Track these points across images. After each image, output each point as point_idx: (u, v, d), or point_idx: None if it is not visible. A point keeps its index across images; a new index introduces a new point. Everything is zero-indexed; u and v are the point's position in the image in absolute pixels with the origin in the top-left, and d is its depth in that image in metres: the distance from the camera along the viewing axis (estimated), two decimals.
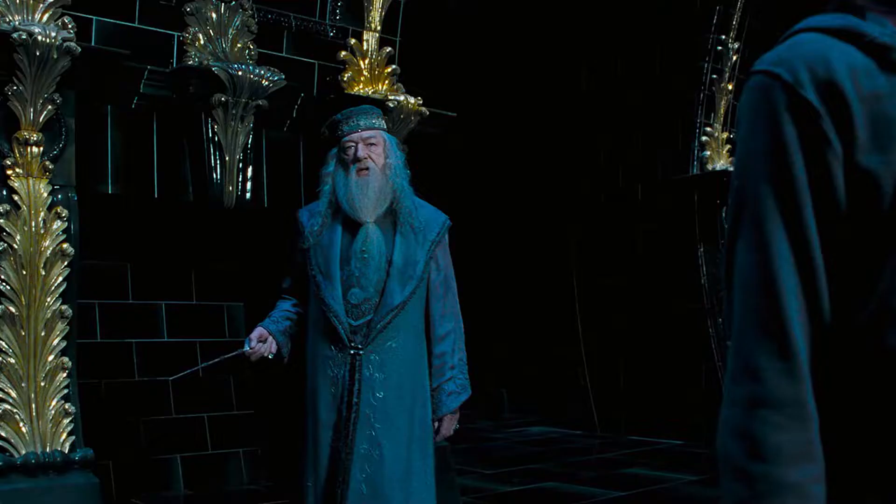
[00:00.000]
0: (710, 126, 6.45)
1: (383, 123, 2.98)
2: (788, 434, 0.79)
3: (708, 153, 6.39)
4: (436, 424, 2.89)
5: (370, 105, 3.09)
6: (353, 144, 2.84)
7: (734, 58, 6.49)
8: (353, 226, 2.80)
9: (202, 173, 3.77)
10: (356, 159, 2.81)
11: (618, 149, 6.90)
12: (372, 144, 2.85)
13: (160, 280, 4.34)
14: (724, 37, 6.41)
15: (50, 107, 3.16)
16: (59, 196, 3.18)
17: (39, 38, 3.05)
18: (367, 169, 2.81)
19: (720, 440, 0.83)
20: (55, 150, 3.19)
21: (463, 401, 2.90)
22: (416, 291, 2.80)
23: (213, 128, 3.74)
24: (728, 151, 6.49)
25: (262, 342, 2.78)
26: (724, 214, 6.25)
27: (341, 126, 2.88)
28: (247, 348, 2.75)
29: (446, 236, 2.98)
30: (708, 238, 6.25)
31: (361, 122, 2.88)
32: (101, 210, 3.71)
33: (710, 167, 6.36)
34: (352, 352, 2.76)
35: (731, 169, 6.08)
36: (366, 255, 2.77)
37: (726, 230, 0.86)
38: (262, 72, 3.81)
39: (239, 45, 3.94)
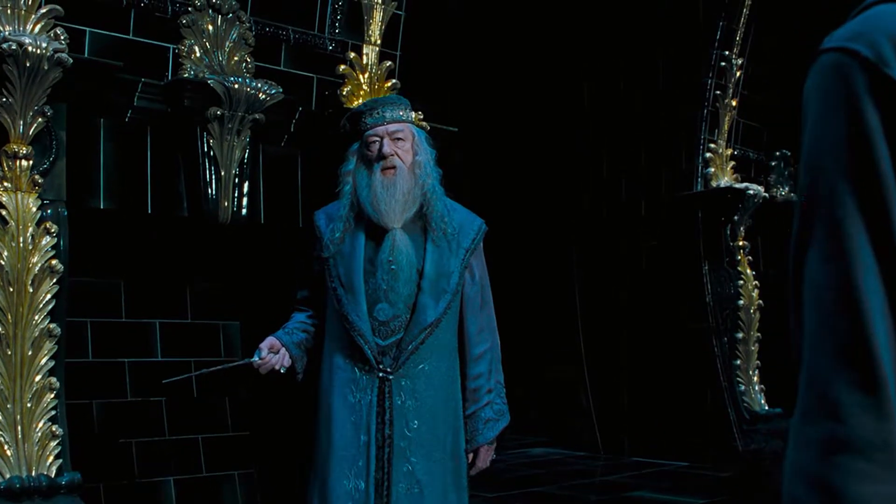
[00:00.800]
0: (714, 142, 6.37)
1: (412, 116, 2.64)
2: (876, 485, 0.65)
3: (712, 170, 6.31)
4: (469, 456, 2.59)
5: (397, 95, 2.77)
6: (378, 139, 2.53)
7: (738, 74, 6.42)
8: (377, 232, 2.51)
9: (197, 188, 3.68)
10: (381, 156, 2.50)
11: (621, 165, 6.82)
12: (399, 139, 2.53)
13: (154, 298, 4.24)
14: (727, 52, 6.34)
15: (40, 119, 3.07)
16: (49, 211, 3.09)
17: (30, 48, 2.96)
18: (394, 168, 2.50)
19: (788, 490, 0.69)
20: (45, 163, 3.10)
21: (501, 429, 2.62)
22: (451, 306, 2.52)
23: (208, 142, 3.65)
24: (732, 168, 6.41)
25: (273, 353, 2.50)
26: (728, 232, 6.17)
27: (364, 118, 2.57)
28: (256, 358, 2.47)
29: (481, 243, 2.66)
30: (713, 256, 6.17)
31: (387, 114, 2.55)
32: (93, 226, 3.62)
33: (714, 184, 6.28)
34: (380, 375, 2.45)
35: (737, 186, 6.05)
36: (394, 266, 2.46)
37: (793, 236, 0.73)
38: (260, 85, 3.73)
39: (236, 59, 3.86)
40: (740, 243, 6.19)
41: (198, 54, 3.72)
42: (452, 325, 2.56)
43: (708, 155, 6.32)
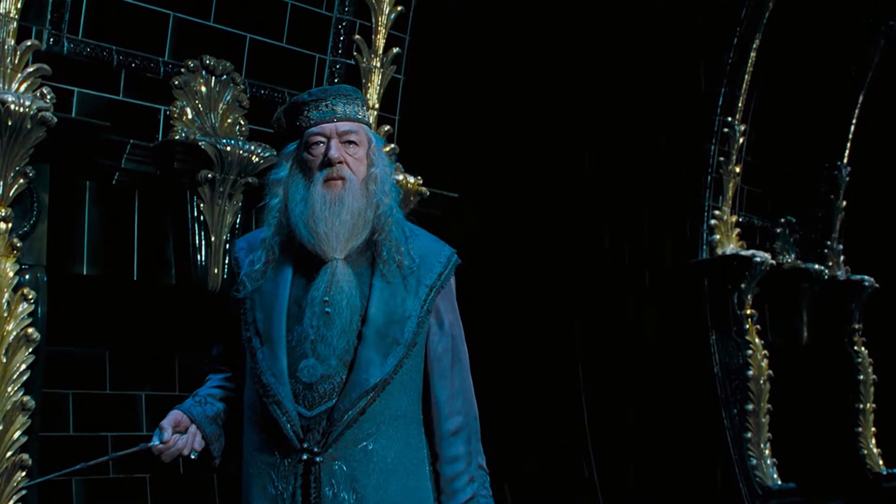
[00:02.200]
0: (719, 209, 6.26)
1: (368, 116, 2.11)
2: None
3: (717, 237, 6.19)
4: None
5: (353, 87, 2.15)
6: (324, 140, 1.99)
7: (741, 140, 6.35)
8: (311, 264, 1.95)
9: (186, 254, 3.55)
10: (327, 162, 1.96)
11: (624, 233, 6.71)
12: (352, 143, 2.00)
13: (140, 368, 4.07)
14: (730, 118, 6.28)
15: (21, 180, 2.95)
16: (27, 276, 2.96)
17: (12, 107, 2.86)
18: (342, 179, 1.96)
19: None
20: (25, 226, 2.98)
21: None
22: (405, 363, 1.94)
23: (198, 206, 3.53)
24: (737, 235, 6.30)
25: (180, 432, 1.95)
26: (735, 300, 6.03)
27: (307, 111, 2.03)
28: (156, 442, 1.91)
29: (453, 279, 2.09)
30: (720, 325, 6.02)
31: (339, 109, 2.01)
32: (75, 292, 3.48)
33: (719, 251, 6.15)
34: (304, 457, 1.87)
35: (743, 253, 5.92)
36: (329, 309, 1.89)
37: None
38: (253, 147, 3.62)
39: (229, 121, 3.76)
40: (748, 312, 6.04)
41: (189, 116, 3.62)
42: (410, 390, 1.97)
43: (713, 222, 6.21)
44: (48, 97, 3.03)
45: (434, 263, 2.04)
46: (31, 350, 2.92)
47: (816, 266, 6.69)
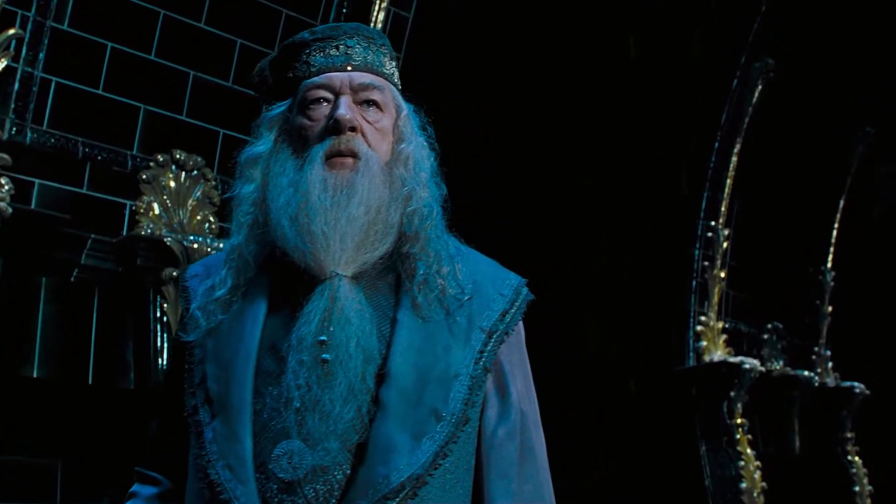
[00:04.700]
0: (705, 315, 6.13)
1: (396, 71, 1.43)
2: None
3: (704, 343, 6.04)
4: None
5: (377, 30, 1.58)
6: (331, 97, 1.35)
7: (725, 244, 6.27)
8: (298, 286, 1.30)
9: (147, 357, 3.37)
10: (333, 128, 1.31)
11: (608, 341, 6.55)
12: (372, 104, 1.36)
13: (95, 480, 3.82)
14: (713, 223, 6.22)
15: None
16: None
17: None
18: (355, 156, 1.31)
19: None
20: None
21: None
22: (451, 451, 1.27)
23: (161, 306, 3.36)
24: (724, 341, 6.15)
25: None
26: (725, 409, 5.84)
27: (307, 55, 1.36)
28: None
29: (521, 322, 1.44)
30: (710, 435, 5.80)
31: (356, 54, 1.34)
32: (26, 397, 3.27)
33: (707, 358, 5.99)
34: None
35: (731, 360, 5.77)
36: (326, 356, 1.22)
37: None
38: (223, 245, 3.47)
39: (199, 218, 3.62)
40: (738, 421, 5.84)
41: (157, 211, 3.48)
42: (455, 495, 1.28)
43: (699, 328, 6.08)
44: (5, 187, 2.91)
45: (494, 296, 1.36)
46: None
47: (806, 373, 6.55)
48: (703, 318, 6.10)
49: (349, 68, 1.36)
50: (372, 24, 3.93)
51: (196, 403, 1.33)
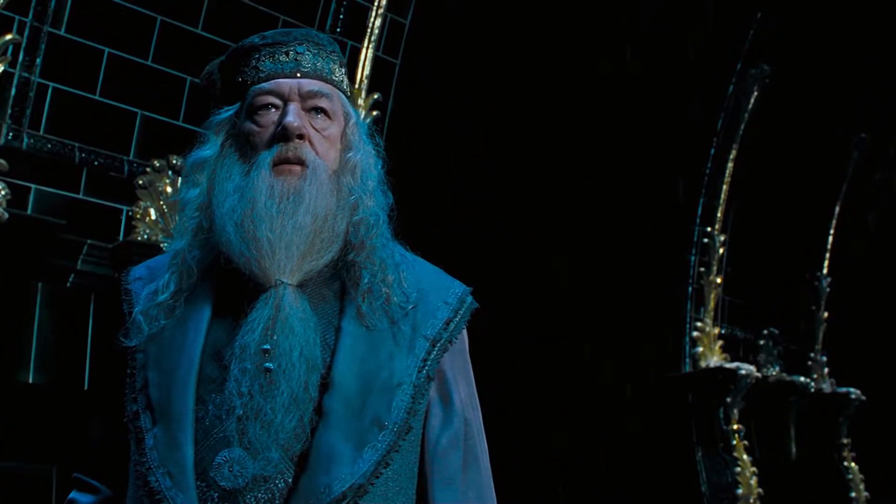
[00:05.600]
0: (701, 321, 6.13)
1: (345, 78, 1.43)
2: None
3: (700, 349, 6.04)
4: None
5: (326, 35, 1.49)
6: (279, 103, 1.36)
7: (721, 250, 6.28)
8: (242, 293, 1.30)
9: None
10: (281, 135, 1.32)
11: (603, 347, 6.55)
12: (320, 112, 1.37)
13: None
14: (709, 229, 6.23)
15: None
16: None
17: None
18: (302, 163, 1.32)
19: None
20: None
21: None
22: (394, 459, 1.29)
23: None
24: (720, 347, 6.15)
25: None
26: (721, 415, 5.83)
27: (256, 60, 1.38)
28: None
29: (465, 332, 1.44)
30: (706, 441, 5.79)
31: (305, 61, 1.35)
32: (21, 403, 3.25)
33: (703, 364, 5.99)
34: None
35: (727, 365, 5.77)
36: (269, 364, 1.23)
37: None
38: None
39: None
40: (735, 427, 5.83)
41: (153, 217, 3.47)
42: (401, 501, 1.30)
43: (695, 333, 6.08)
44: (2, 192, 2.91)
45: (439, 305, 1.36)
46: None
47: (802, 378, 6.55)
48: (699, 324, 6.10)
49: (298, 75, 1.38)
50: (369, 30, 3.94)
51: (137, 409, 1.32)
